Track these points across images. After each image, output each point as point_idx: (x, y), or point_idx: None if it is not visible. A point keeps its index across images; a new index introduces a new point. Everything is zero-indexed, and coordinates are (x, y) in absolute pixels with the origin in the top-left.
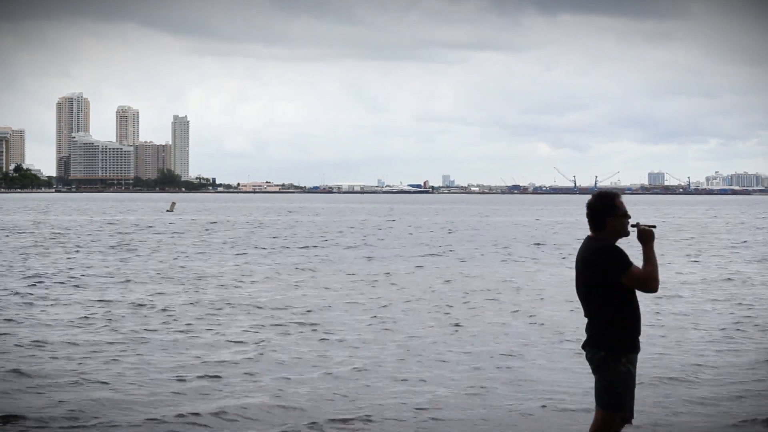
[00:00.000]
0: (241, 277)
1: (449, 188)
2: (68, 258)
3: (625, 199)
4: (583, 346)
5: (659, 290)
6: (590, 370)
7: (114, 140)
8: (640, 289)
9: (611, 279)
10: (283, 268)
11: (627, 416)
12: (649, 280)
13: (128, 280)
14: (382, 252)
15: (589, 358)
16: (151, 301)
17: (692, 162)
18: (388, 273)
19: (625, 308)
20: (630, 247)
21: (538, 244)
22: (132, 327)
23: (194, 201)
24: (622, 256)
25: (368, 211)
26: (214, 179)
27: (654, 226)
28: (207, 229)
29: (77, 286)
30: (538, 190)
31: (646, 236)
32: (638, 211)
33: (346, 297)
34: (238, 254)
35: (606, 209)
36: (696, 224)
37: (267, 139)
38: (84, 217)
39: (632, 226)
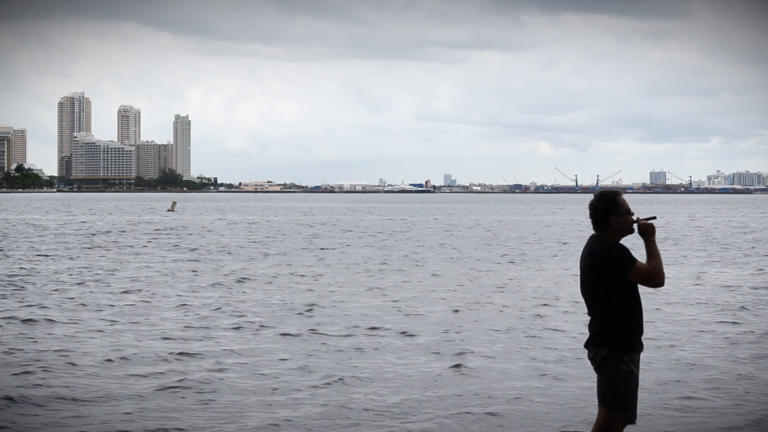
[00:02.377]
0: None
1: (450, 188)
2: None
3: (627, 198)
4: (586, 345)
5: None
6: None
7: (115, 140)
8: (646, 285)
9: (617, 277)
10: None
11: (630, 416)
12: (655, 275)
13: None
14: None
15: (591, 357)
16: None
17: (694, 161)
18: None
19: (627, 307)
20: (634, 244)
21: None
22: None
23: (198, 201)
24: (626, 253)
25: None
26: (215, 179)
27: (654, 218)
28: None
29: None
30: (539, 189)
31: (647, 230)
32: (644, 210)
33: None
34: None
35: (609, 208)
36: None
37: (268, 138)
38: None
39: (636, 221)
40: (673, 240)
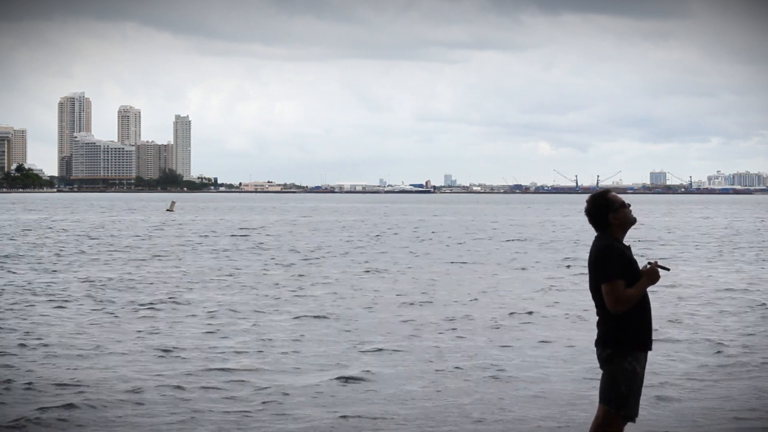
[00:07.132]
0: None
1: (451, 188)
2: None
3: (628, 199)
4: (595, 344)
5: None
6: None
7: (116, 140)
8: (606, 302)
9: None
10: None
11: (630, 414)
12: (620, 302)
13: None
14: None
15: (598, 355)
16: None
17: (694, 161)
18: None
19: (633, 307)
20: (636, 242)
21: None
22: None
23: (202, 201)
24: (614, 263)
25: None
26: (215, 179)
27: (668, 269)
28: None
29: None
30: (539, 190)
31: (651, 276)
32: (647, 210)
33: None
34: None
35: (604, 207)
36: None
37: (268, 138)
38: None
39: (649, 263)
40: None
